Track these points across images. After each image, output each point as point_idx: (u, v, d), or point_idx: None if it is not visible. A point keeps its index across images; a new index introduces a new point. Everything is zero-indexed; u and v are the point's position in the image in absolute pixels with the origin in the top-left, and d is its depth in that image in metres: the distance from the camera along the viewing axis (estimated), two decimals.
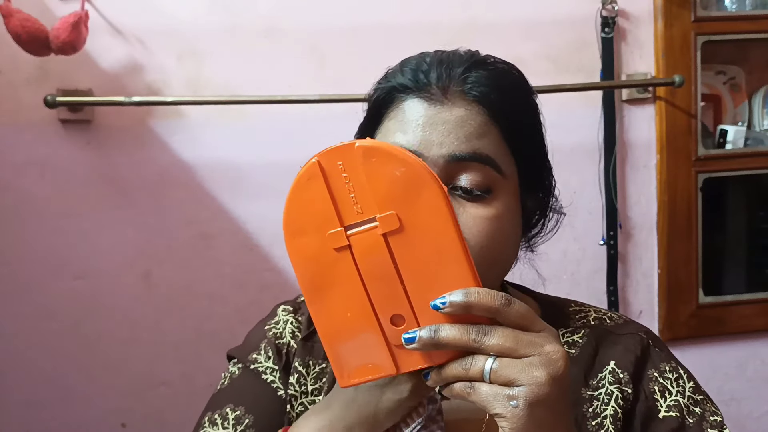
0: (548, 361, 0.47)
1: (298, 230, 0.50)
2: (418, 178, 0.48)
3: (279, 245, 1.59)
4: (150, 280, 1.51)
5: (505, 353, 0.48)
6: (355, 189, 0.49)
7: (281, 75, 1.51)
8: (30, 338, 1.48)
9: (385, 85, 0.67)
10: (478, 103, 0.63)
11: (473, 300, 0.48)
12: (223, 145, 1.51)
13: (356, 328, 0.50)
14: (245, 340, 0.79)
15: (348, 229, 0.49)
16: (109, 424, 1.51)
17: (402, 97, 0.64)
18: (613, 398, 0.67)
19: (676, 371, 0.70)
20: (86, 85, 1.45)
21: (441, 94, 0.63)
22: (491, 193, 0.62)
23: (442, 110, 0.62)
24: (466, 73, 0.64)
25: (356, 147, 0.48)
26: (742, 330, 1.70)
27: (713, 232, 1.71)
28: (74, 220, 1.48)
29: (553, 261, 1.61)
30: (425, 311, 0.49)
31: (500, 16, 1.55)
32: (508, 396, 0.47)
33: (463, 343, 0.48)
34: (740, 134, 1.67)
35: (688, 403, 0.67)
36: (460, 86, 0.63)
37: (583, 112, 1.60)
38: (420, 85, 0.64)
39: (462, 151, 0.61)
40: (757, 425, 1.74)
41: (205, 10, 1.49)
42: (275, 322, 0.77)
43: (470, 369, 0.48)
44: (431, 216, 0.48)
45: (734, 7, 1.67)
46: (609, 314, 0.75)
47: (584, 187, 1.62)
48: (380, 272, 0.49)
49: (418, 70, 0.65)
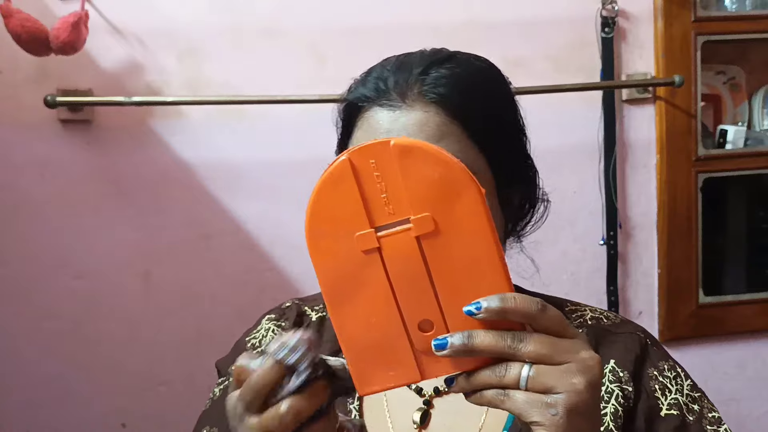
0: (585, 368, 0.46)
1: (324, 230, 0.48)
2: (457, 180, 0.47)
3: (279, 245, 1.60)
4: (150, 280, 1.51)
5: (542, 360, 0.46)
6: (388, 189, 0.47)
7: (281, 75, 1.51)
8: (30, 338, 1.48)
9: (350, 97, 0.68)
10: (435, 104, 0.63)
11: (510, 306, 0.46)
12: (223, 145, 1.51)
13: (381, 333, 0.49)
14: (231, 351, 0.79)
15: (378, 230, 0.47)
16: (109, 424, 1.51)
17: (366, 107, 0.66)
18: (613, 396, 0.67)
19: (674, 369, 0.70)
20: (86, 85, 1.45)
21: (399, 99, 0.64)
22: None
23: (401, 115, 0.63)
24: (423, 75, 0.64)
25: (392, 145, 0.47)
26: (742, 330, 1.70)
27: (713, 232, 1.71)
28: (74, 220, 1.48)
29: (553, 261, 1.61)
30: (455, 317, 0.47)
31: (500, 16, 1.55)
32: (547, 404, 0.46)
33: (499, 350, 0.47)
34: (740, 134, 1.67)
35: (687, 401, 0.68)
36: (418, 88, 0.64)
37: (583, 112, 1.60)
38: (380, 92, 0.65)
39: None
40: (757, 425, 1.74)
41: (205, 10, 1.49)
42: (257, 331, 0.77)
43: (505, 376, 0.47)
44: (468, 219, 0.47)
45: (734, 7, 1.67)
46: (605, 313, 0.75)
47: (584, 187, 1.62)
48: (411, 276, 0.47)
49: (379, 78, 0.66)
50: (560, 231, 1.61)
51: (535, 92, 1.50)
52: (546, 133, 1.65)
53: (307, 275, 0.82)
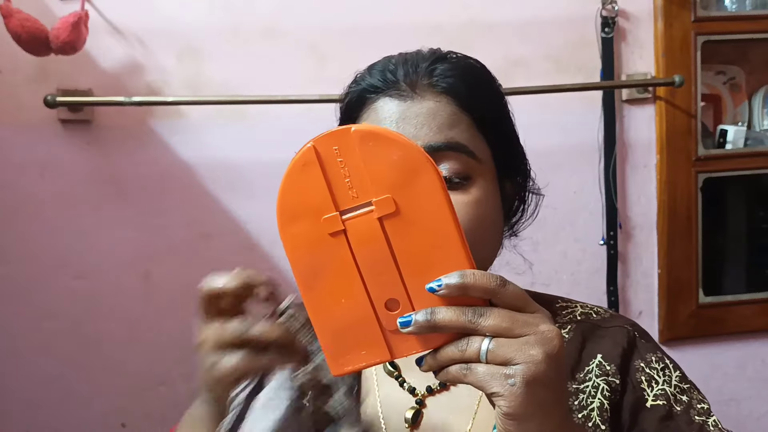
0: (544, 340, 0.47)
1: (292, 216, 0.50)
2: (415, 162, 0.48)
3: (279, 245, 1.59)
4: (150, 280, 1.51)
5: (502, 333, 0.48)
6: (351, 173, 0.49)
7: (281, 75, 1.51)
8: (30, 338, 1.48)
9: (355, 88, 0.69)
10: (446, 94, 0.65)
11: (469, 281, 0.48)
12: (223, 145, 1.51)
13: (350, 314, 0.50)
14: None
15: (343, 213, 0.49)
16: (109, 424, 1.51)
17: (373, 98, 0.67)
18: (599, 391, 0.67)
19: (662, 361, 0.70)
20: (86, 85, 1.45)
21: (410, 90, 0.65)
22: (469, 179, 0.64)
23: (413, 104, 0.65)
24: (431, 67, 0.66)
25: (353, 131, 0.48)
26: (742, 330, 1.70)
27: (713, 232, 1.71)
28: (74, 220, 1.48)
29: (553, 261, 1.61)
30: (420, 295, 0.49)
31: (500, 16, 1.55)
32: (505, 375, 0.47)
33: (460, 325, 0.48)
34: (740, 134, 1.67)
35: (674, 392, 0.68)
36: (427, 80, 0.66)
37: (583, 112, 1.60)
38: (389, 83, 0.66)
39: (437, 141, 0.63)
40: (757, 425, 1.74)
41: (205, 10, 1.49)
42: None
43: (466, 350, 0.48)
44: (427, 199, 0.48)
45: (734, 7, 1.67)
46: (595, 309, 0.76)
47: (584, 187, 1.62)
48: (376, 256, 0.49)
49: (386, 70, 0.67)
50: (560, 231, 1.61)
51: (535, 92, 1.50)
52: (546, 133, 1.66)
53: None
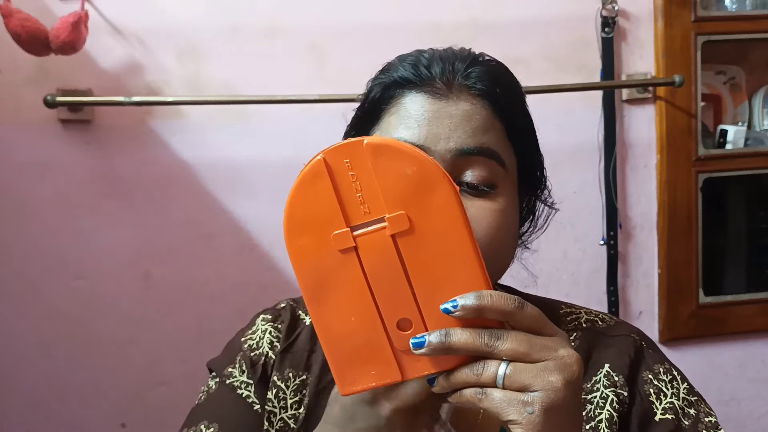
0: (563, 366, 0.46)
1: (301, 230, 0.48)
2: (430, 177, 0.46)
3: (279, 245, 1.60)
4: (150, 280, 1.51)
5: (519, 358, 0.46)
6: (363, 188, 0.47)
7: (281, 75, 1.51)
8: (30, 338, 1.48)
9: (385, 79, 0.65)
10: (482, 97, 0.63)
11: (486, 303, 0.46)
12: (223, 145, 1.51)
13: (360, 332, 0.48)
14: (224, 351, 0.78)
15: (354, 229, 0.47)
16: (109, 424, 1.51)
17: (403, 92, 0.63)
18: (608, 402, 0.66)
19: (670, 373, 0.69)
20: (86, 85, 1.45)
21: (446, 89, 0.62)
22: (496, 188, 0.62)
23: (448, 104, 0.62)
24: (468, 69, 0.63)
25: (365, 144, 0.46)
26: (742, 330, 1.70)
27: (713, 232, 1.71)
28: (74, 220, 1.48)
29: (553, 261, 1.61)
30: (434, 315, 0.47)
31: (500, 16, 1.55)
32: (523, 402, 0.45)
33: (475, 348, 0.46)
34: (740, 134, 1.67)
35: (683, 405, 0.67)
36: (464, 81, 0.63)
37: (583, 112, 1.60)
38: (423, 79, 0.63)
39: (469, 146, 0.60)
40: (757, 425, 1.74)
41: (205, 10, 1.49)
42: (252, 332, 0.76)
43: (482, 374, 0.46)
44: (443, 216, 0.46)
45: (734, 7, 1.67)
46: (600, 315, 0.74)
47: (584, 187, 1.62)
48: (388, 274, 0.47)
49: (419, 64, 0.64)
50: (560, 231, 1.61)
51: (535, 92, 1.50)
52: (546, 133, 1.65)
53: None
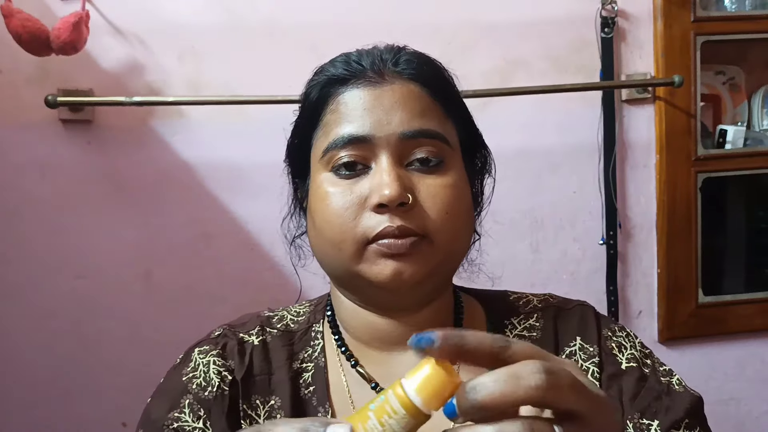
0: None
1: None
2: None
3: (279, 245, 1.59)
4: (150, 280, 1.51)
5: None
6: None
7: (281, 75, 1.50)
8: (30, 338, 1.48)
9: (319, 79, 0.67)
10: (414, 80, 0.65)
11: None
12: (223, 145, 1.51)
13: None
14: (159, 395, 0.70)
15: None
16: (110, 424, 1.51)
17: (339, 90, 0.65)
18: (589, 373, 0.68)
19: (623, 330, 0.73)
20: (87, 85, 1.45)
21: (378, 77, 0.64)
22: (444, 164, 0.64)
23: (384, 91, 0.64)
24: (395, 56, 0.66)
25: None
26: (741, 330, 1.70)
27: (713, 232, 1.71)
28: (74, 220, 1.48)
29: (553, 261, 1.61)
30: None
31: (500, 16, 1.55)
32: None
33: None
34: (740, 134, 1.67)
35: (640, 356, 0.70)
36: (394, 68, 0.65)
37: (583, 112, 1.60)
38: (355, 73, 0.65)
39: (413, 128, 0.63)
40: (757, 425, 1.74)
41: (205, 10, 1.49)
42: (192, 369, 0.69)
43: None
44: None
45: (734, 7, 1.67)
46: (546, 295, 0.76)
47: (584, 187, 1.62)
48: None
49: (349, 60, 0.67)
50: (560, 231, 1.61)
51: (535, 92, 1.50)
52: (546, 133, 1.66)
53: (305, 275, 0.81)
